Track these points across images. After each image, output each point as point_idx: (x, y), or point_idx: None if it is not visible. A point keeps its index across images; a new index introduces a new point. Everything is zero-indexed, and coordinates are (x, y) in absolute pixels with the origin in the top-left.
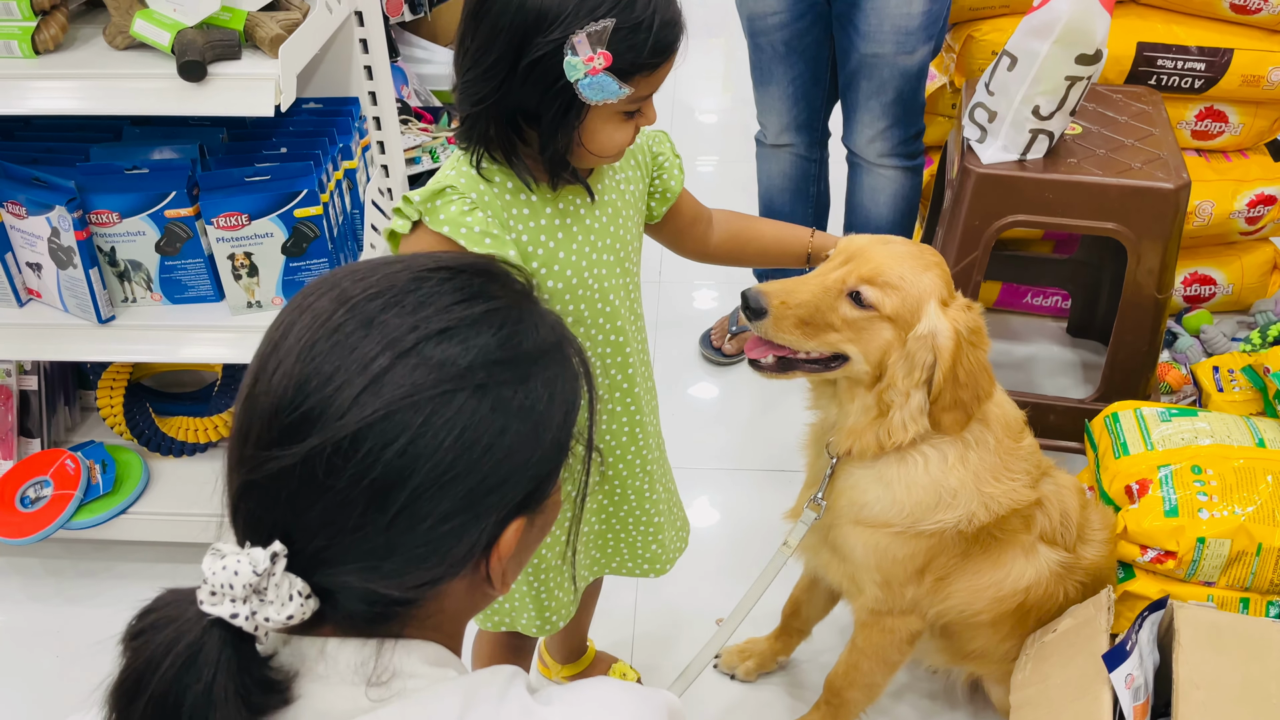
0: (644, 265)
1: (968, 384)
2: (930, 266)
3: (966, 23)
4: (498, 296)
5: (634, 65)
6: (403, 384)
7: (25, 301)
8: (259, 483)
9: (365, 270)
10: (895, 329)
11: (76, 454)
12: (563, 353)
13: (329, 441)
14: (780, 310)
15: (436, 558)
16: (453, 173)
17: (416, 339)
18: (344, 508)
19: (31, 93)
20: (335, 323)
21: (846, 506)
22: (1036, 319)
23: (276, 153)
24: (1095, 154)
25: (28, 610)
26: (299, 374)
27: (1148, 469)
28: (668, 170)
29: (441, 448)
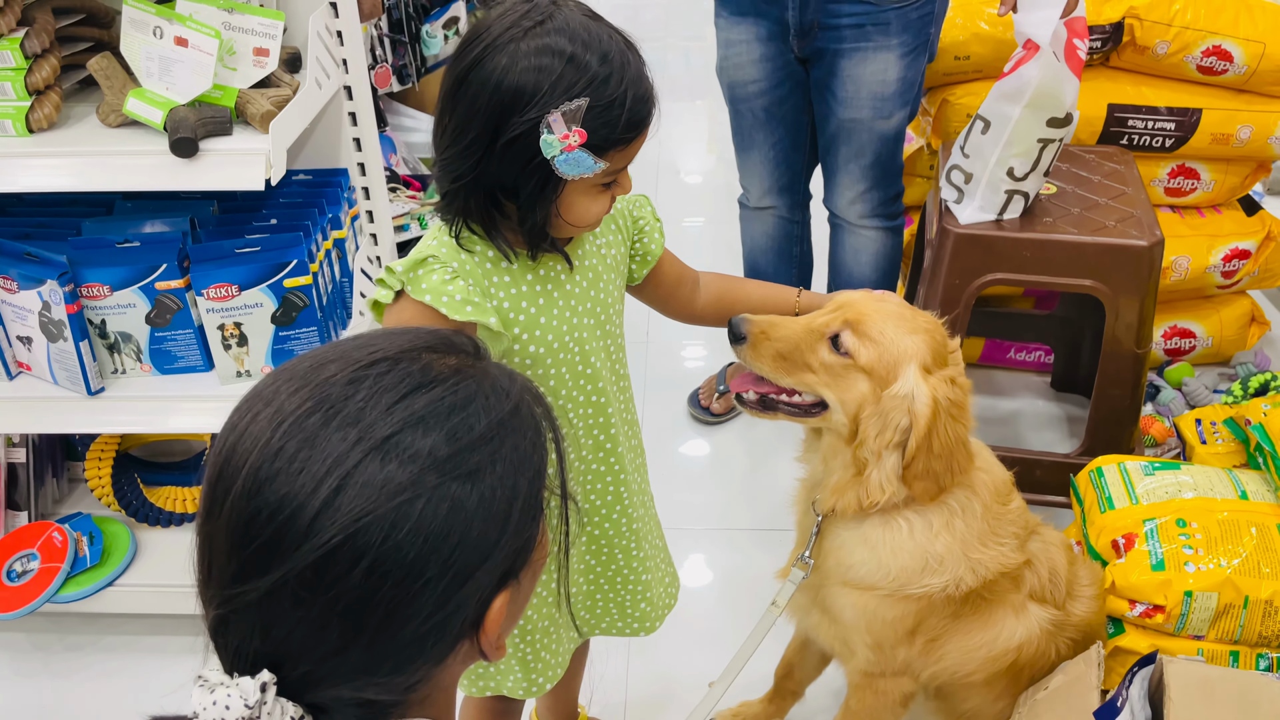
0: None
1: (942, 455)
2: (918, 330)
3: (941, 87)
4: (441, 379)
5: (608, 140)
6: (357, 504)
7: (15, 374)
8: (231, 617)
9: (302, 376)
10: (870, 383)
11: (64, 526)
12: (519, 417)
13: (291, 573)
14: (759, 339)
15: (423, 657)
16: (434, 243)
17: (362, 453)
18: (321, 632)
19: (25, 171)
20: (275, 446)
21: (834, 567)
22: (1020, 374)
23: (266, 224)
24: (1071, 213)
25: (13, 687)
26: (248, 508)
27: (1133, 523)
28: (648, 234)
29: (407, 560)
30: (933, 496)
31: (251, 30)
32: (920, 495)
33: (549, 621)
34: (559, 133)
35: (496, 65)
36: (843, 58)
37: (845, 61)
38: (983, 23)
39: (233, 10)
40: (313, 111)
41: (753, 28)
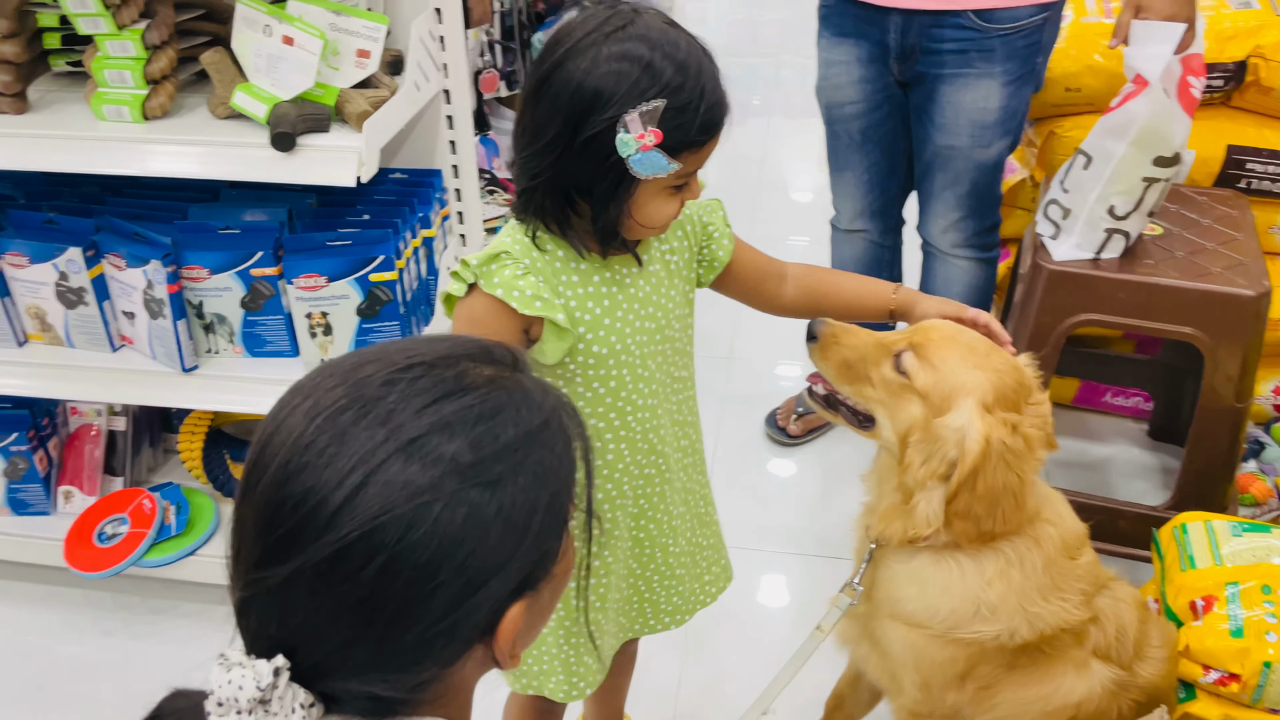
0: (715, 341)
1: (985, 498)
2: (987, 367)
3: (1050, 118)
4: (473, 388)
5: (681, 143)
6: (376, 502)
7: (118, 347)
8: (252, 600)
9: (342, 374)
10: (924, 408)
11: (154, 494)
12: (548, 431)
13: (308, 564)
14: (829, 342)
15: (431, 659)
16: (508, 239)
17: (387, 453)
18: (334, 624)
19: (138, 155)
20: (307, 439)
21: (884, 599)
22: (1116, 419)
23: (359, 219)
24: (1174, 256)
25: (96, 643)
26: (278, 496)
27: (1214, 585)
28: (716, 240)
29: (420, 561)
30: (971, 540)
31: (355, 32)
32: (959, 536)
33: (595, 627)
34: (635, 132)
35: (577, 67)
36: (943, 83)
37: (946, 87)
38: (1097, 55)
39: (339, 13)
40: (409, 113)
41: (853, 49)
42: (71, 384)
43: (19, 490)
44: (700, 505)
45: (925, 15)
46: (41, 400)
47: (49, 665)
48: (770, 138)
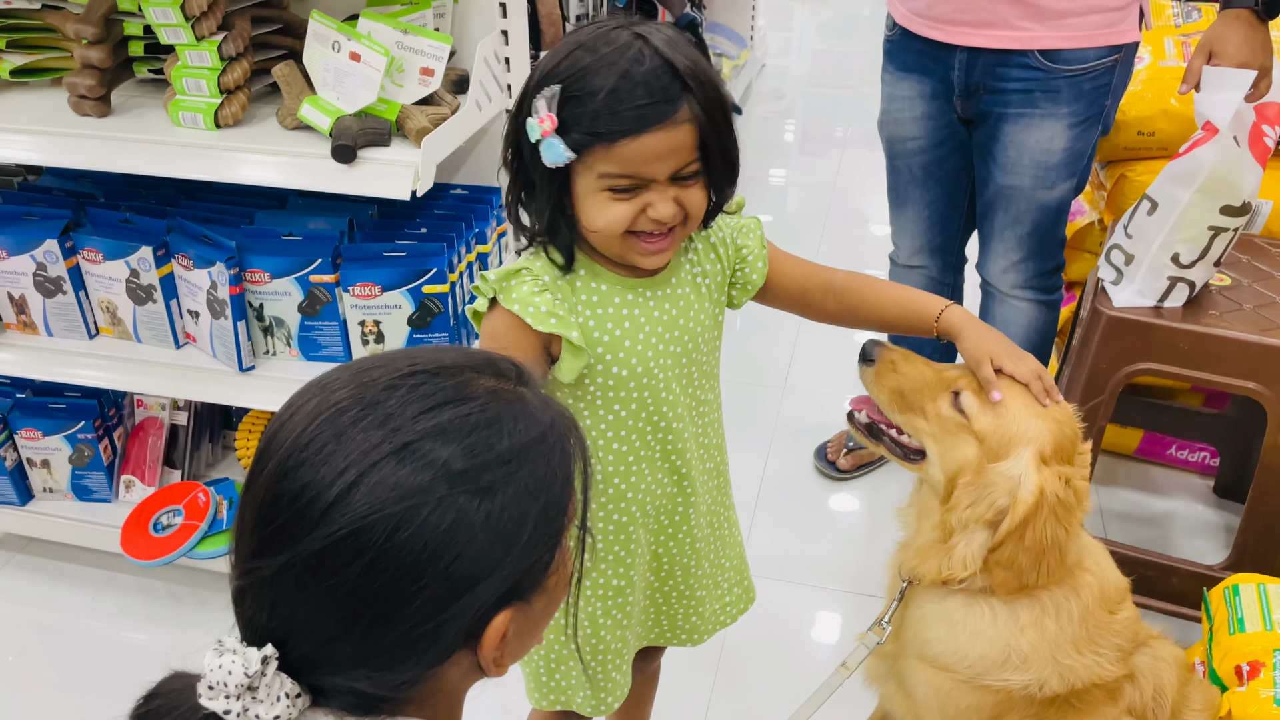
0: (768, 370)
1: (1032, 550)
2: (1047, 417)
3: (1121, 162)
4: (473, 397)
5: (586, 135)
6: (366, 501)
7: (183, 344)
8: (247, 589)
9: (350, 376)
10: (979, 451)
11: (210, 489)
12: (544, 445)
13: (298, 557)
14: (886, 368)
15: (414, 659)
16: (530, 254)
17: (380, 455)
18: (321, 618)
19: (219, 162)
20: (306, 438)
21: (912, 639)
22: (1181, 473)
23: (417, 231)
24: (1241, 308)
25: (146, 628)
26: (274, 490)
27: (1262, 650)
28: (750, 263)
29: (406, 562)
30: (1010, 591)
31: (421, 51)
32: (998, 585)
33: (621, 644)
34: (537, 116)
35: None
36: (1007, 122)
37: (1009, 126)
38: (1173, 99)
39: (407, 32)
40: (469, 131)
41: (917, 84)
42: (137, 377)
43: (83, 477)
44: (724, 527)
45: (990, 54)
46: (109, 391)
47: (101, 648)
48: (849, 168)
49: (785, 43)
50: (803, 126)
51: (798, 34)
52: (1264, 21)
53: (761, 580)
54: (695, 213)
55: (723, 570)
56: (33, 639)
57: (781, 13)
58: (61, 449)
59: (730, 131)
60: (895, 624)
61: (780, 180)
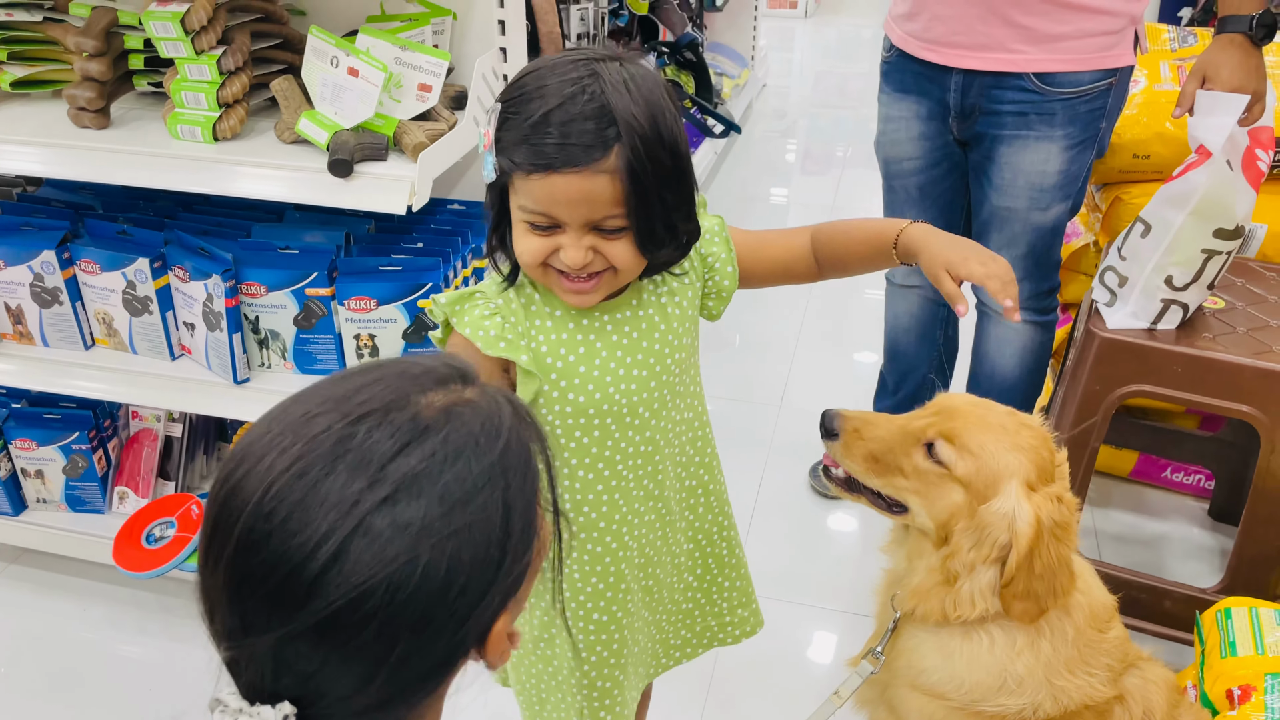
0: (765, 387)
1: (1044, 576)
2: (1022, 447)
3: (1117, 184)
4: (433, 428)
5: (508, 155)
6: (357, 572)
7: (178, 356)
8: (239, 660)
9: (294, 430)
10: (966, 496)
11: (203, 500)
12: (510, 452)
13: (296, 631)
14: (852, 438)
15: (426, 690)
16: (487, 281)
17: (357, 519)
18: (331, 679)
19: (217, 175)
20: (267, 507)
21: (905, 668)
22: (1175, 496)
23: (413, 246)
24: (1234, 331)
25: (137, 640)
26: (246, 563)
27: (1253, 674)
28: (719, 270)
29: (414, 614)
30: (1033, 618)
31: (419, 67)
32: (1020, 616)
33: (610, 682)
34: (482, 130)
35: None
36: (1002, 144)
37: (1004, 148)
38: (1168, 122)
39: (405, 48)
40: (465, 147)
41: (913, 105)
42: (132, 389)
43: (76, 488)
44: (721, 546)
45: (986, 76)
46: (104, 402)
47: (91, 659)
48: (849, 188)
49: (786, 63)
50: (804, 146)
51: (799, 54)
52: (1258, 47)
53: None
54: (622, 265)
55: (720, 589)
56: (24, 649)
57: (783, 33)
58: (56, 459)
59: (672, 192)
60: (887, 652)
61: (781, 199)
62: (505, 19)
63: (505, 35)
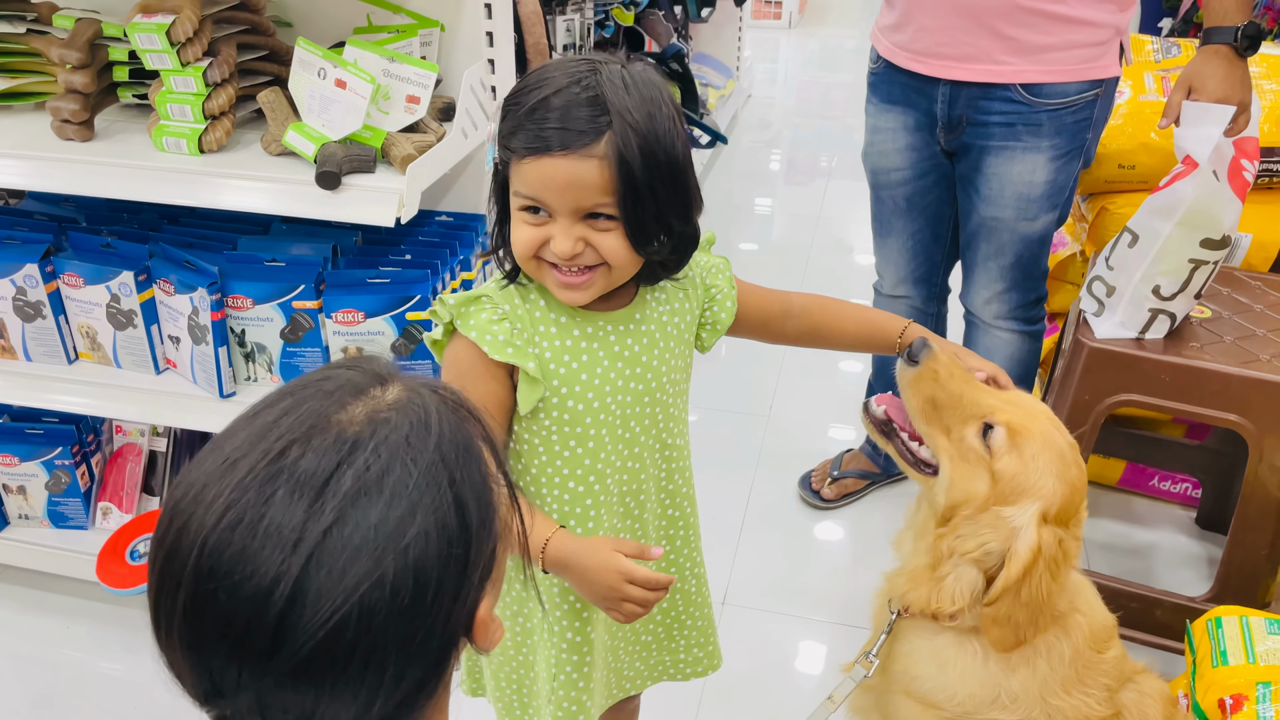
0: (753, 398)
1: (1029, 605)
2: (1066, 481)
3: (1103, 194)
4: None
5: (505, 147)
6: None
7: (163, 370)
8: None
9: (218, 479)
10: (990, 489)
11: None
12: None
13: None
14: (927, 374)
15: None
16: (491, 284)
17: (306, 554)
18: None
19: (203, 188)
20: (207, 565)
21: (900, 674)
22: (1163, 504)
23: (401, 258)
24: (1221, 340)
25: (122, 659)
26: (197, 628)
27: (1245, 684)
28: (719, 302)
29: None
30: (1008, 648)
31: (407, 79)
32: (996, 644)
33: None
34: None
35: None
36: (989, 154)
37: (992, 159)
38: (1153, 133)
39: (393, 60)
40: (454, 159)
41: (901, 116)
42: (116, 403)
43: (59, 504)
44: (689, 582)
45: (973, 87)
46: (87, 417)
47: (74, 678)
48: (834, 198)
49: (771, 73)
50: (788, 156)
51: (783, 65)
52: (1242, 58)
53: (745, 610)
54: (614, 260)
55: (681, 625)
56: (5, 668)
57: (767, 44)
58: (38, 475)
59: (666, 188)
60: (883, 657)
61: (766, 209)
62: (493, 30)
63: (493, 47)
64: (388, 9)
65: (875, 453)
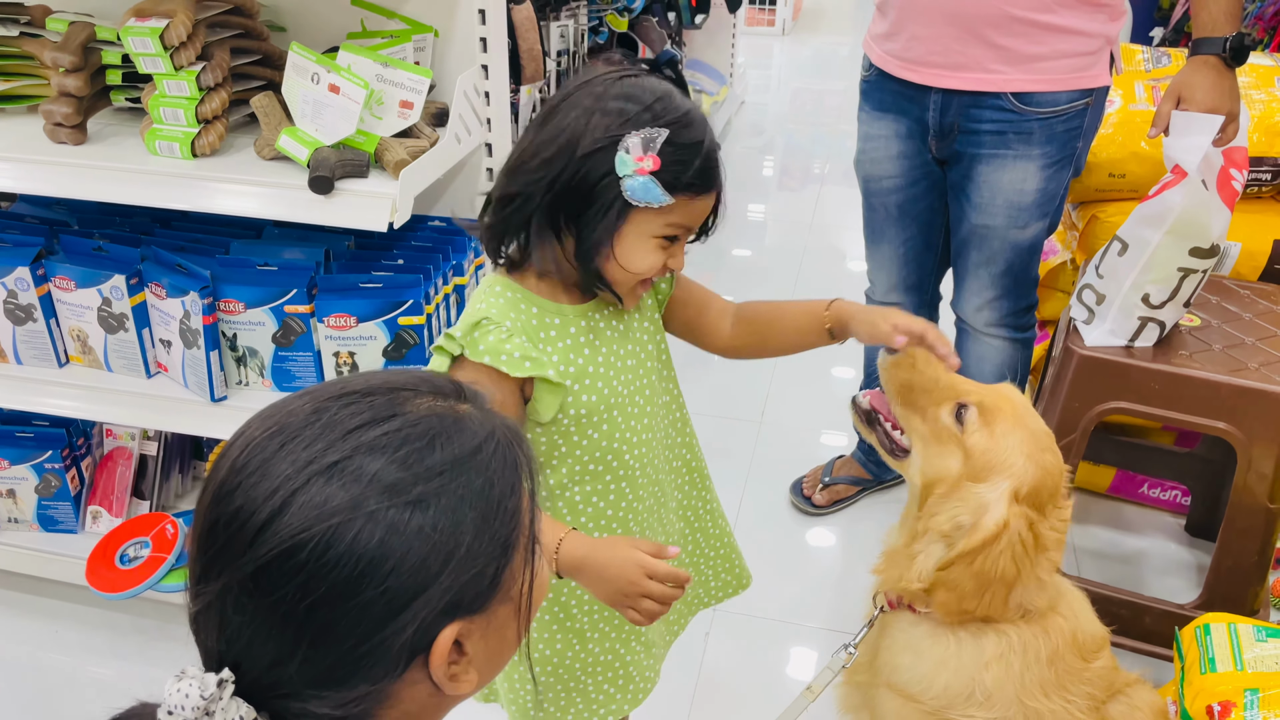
0: (746, 405)
1: (978, 577)
2: (1039, 463)
3: (1093, 203)
4: (404, 414)
5: (678, 181)
6: (296, 520)
7: (154, 374)
8: (198, 615)
9: (278, 407)
10: (962, 467)
11: (179, 520)
12: (482, 455)
13: (235, 580)
14: (905, 360)
15: (361, 676)
16: (483, 305)
17: (308, 476)
18: (265, 639)
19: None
20: (239, 463)
21: (882, 666)
22: (1153, 512)
23: (394, 263)
24: (1210, 349)
25: (111, 664)
26: (211, 517)
27: (1233, 690)
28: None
29: (341, 579)
30: (948, 612)
31: (400, 84)
32: (937, 605)
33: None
34: (634, 154)
35: (589, 93)
36: (980, 163)
37: (983, 167)
38: (1143, 142)
39: (387, 65)
40: (447, 164)
41: (893, 124)
42: (107, 407)
43: (49, 507)
44: (706, 519)
45: (964, 95)
46: (77, 421)
47: (62, 682)
48: (826, 204)
49: (764, 80)
50: (781, 162)
51: (777, 72)
52: (1231, 68)
53: (736, 615)
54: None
55: (706, 558)
56: None
57: (761, 50)
58: (28, 478)
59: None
60: (870, 652)
61: (759, 215)
62: (487, 36)
63: (487, 52)
64: (382, 14)
65: (867, 459)
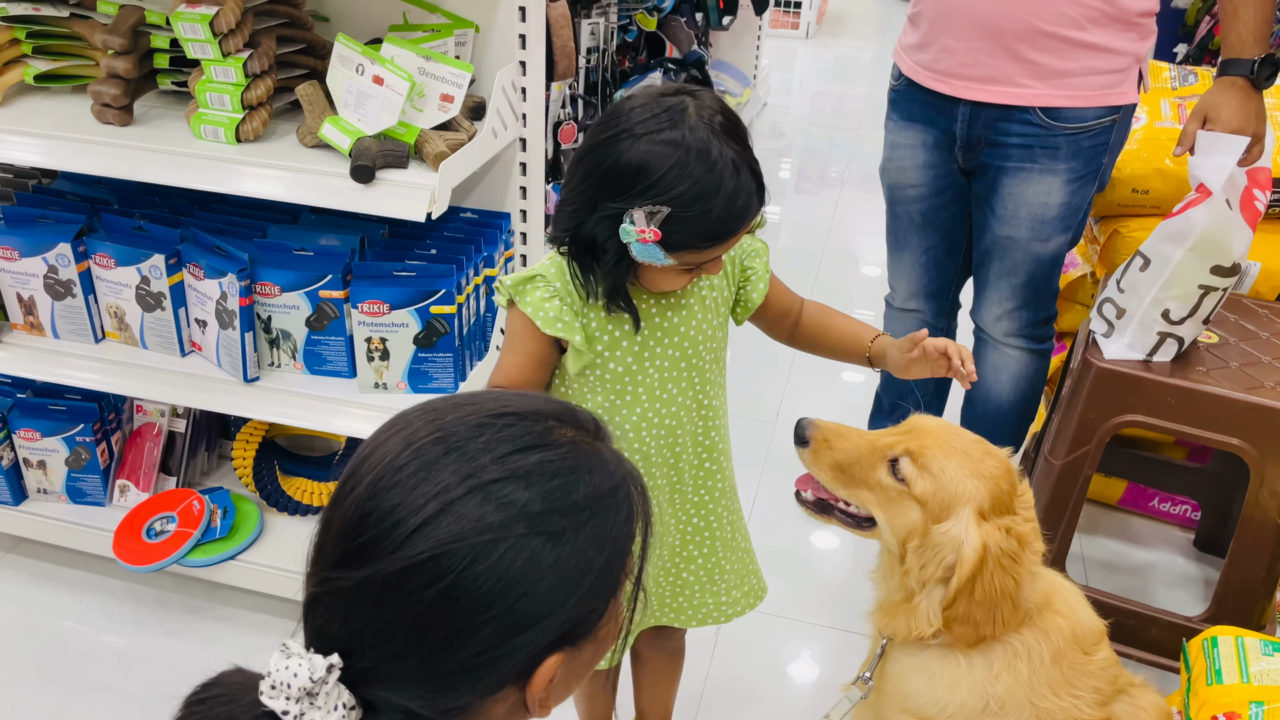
0: (764, 403)
1: (984, 603)
2: (982, 475)
3: (1115, 218)
4: (555, 444)
5: (682, 244)
6: (449, 531)
7: (188, 352)
8: (323, 598)
9: (442, 410)
10: (923, 515)
11: (204, 496)
12: (614, 499)
13: (379, 574)
14: (821, 447)
15: (467, 687)
16: (548, 262)
17: (467, 489)
18: (389, 635)
19: (227, 174)
20: (400, 462)
21: (893, 693)
22: (1162, 525)
23: (427, 252)
24: (1227, 366)
25: (132, 635)
26: (364, 508)
27: (1239, 703)
28: (753, 284)
29: (478, 593)
30: (970, 644)
31: (442, 78)
32: (958, 640)
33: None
34: (637, 226)
35: (620, 148)
36: (1006, 175)
37: (1008, 179)
38: (1167, 159)
39: (429, 59)
40: (484, 157)
41: (920, 134)
42: (140, 383)
43: (79, 479)
44: (726, 530)
45: (993, 108)
46: (110, 395)
47: (84, 652)
48: (844, 208)
49: (787, 83)
50: (799, 165)
51: (799, 75)
52: (1259, 90)
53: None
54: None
55: (721, 570)
56: (16, 639)
57: (784, 54)
58: (59, 450)
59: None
60: (877, 678)
61: (775, 217)
62: (526, 33)
63: (525, 49)
64: (425, 8)
65: None
